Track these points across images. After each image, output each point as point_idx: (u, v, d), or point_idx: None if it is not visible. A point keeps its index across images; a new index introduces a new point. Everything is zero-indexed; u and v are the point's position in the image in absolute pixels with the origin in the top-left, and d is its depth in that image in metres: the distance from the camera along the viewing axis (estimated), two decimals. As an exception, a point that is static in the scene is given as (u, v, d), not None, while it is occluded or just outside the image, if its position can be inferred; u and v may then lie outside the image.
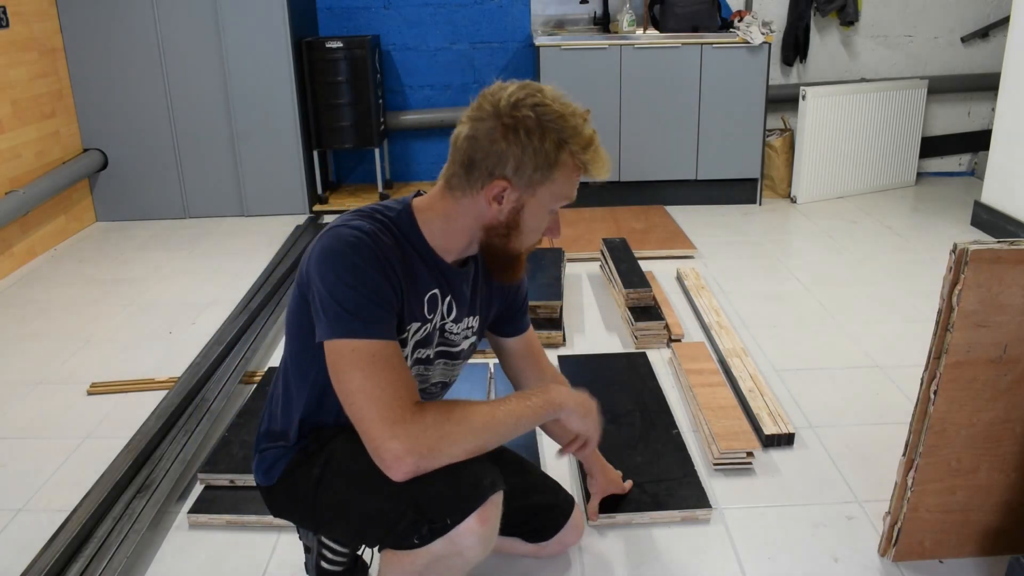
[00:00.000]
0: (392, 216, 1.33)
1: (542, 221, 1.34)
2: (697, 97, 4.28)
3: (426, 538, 1.23)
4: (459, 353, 1.49)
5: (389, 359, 1.23)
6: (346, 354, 1.21)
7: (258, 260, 3.72)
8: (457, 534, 1.22)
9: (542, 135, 1.25)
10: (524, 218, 1.31)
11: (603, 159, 1.30)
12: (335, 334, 1.22)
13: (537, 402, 1.33)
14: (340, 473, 1.32)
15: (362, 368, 1.21)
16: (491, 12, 4.68)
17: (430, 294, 1.36)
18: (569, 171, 1.29)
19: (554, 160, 1.26)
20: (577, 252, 3.66)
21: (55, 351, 2.85)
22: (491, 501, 1.25)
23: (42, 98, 3.98)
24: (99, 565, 1.69)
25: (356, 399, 1.21)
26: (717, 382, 2.41)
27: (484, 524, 1.23)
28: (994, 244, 1.43)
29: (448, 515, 1.22)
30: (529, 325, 1.65)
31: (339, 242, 1.24)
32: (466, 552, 1.24)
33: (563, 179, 1.29)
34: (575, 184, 1.32)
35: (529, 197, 1.29)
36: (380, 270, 1.24)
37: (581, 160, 1.28)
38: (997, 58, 4.31)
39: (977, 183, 4.34)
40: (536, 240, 1.38)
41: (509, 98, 1.26)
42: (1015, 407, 1.56)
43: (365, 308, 1.22)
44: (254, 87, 4.27)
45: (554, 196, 1.31)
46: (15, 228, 3.71)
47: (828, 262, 3.59)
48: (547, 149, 1.25)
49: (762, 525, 1.85)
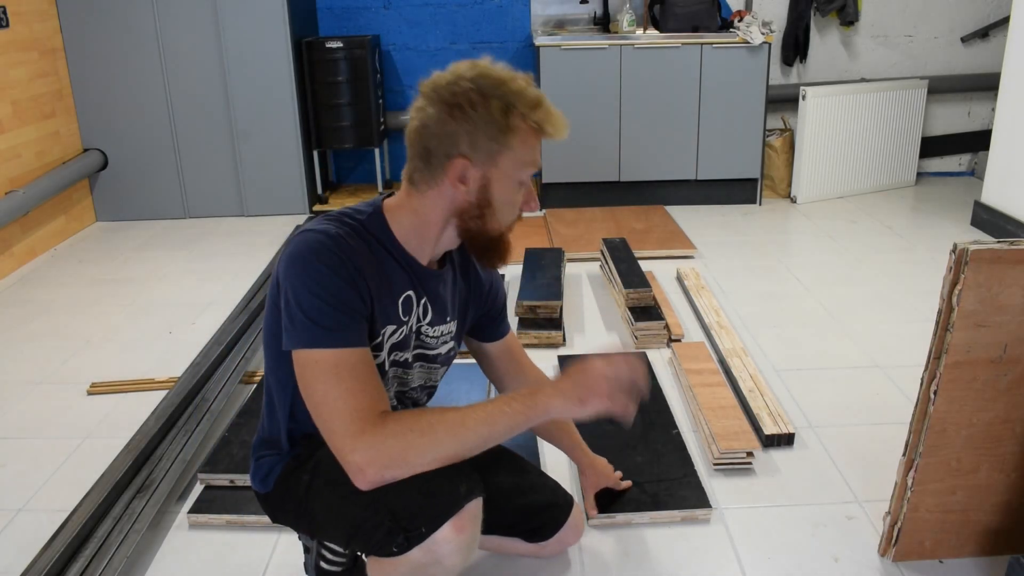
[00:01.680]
0: (362, 219, 1.31)
1: (513, 193, 1.31)
2: (697, 97, 4.28)
3: (403, 547, 1.22)
4: (436, 357, 1.46)
5: (353, 368, 1.20)
6: (310, 364, 1.20)
7: (258, 260, 3.72)
8: (433, 543, 1.21)
9: (486, 104, 1.23)
10: (494, 194, 1.29)
11: (556, 116, 1.27)
12: (300, 343, 1.21)
13: (518, 407, 1.24)
14: (326, 481, 1.31)
15: (324, 379, 1.19)
16: (491, 12, 4.68)
17: (404, 296, 1.34)
18: (525, 135, 1.26)
19: (505, 125, 1.24)
20: (577, 252, 3.66)
21: (55, 351, 2.85)
22: (467, 510, 1.23)
23: (42, 98, 3.98)
24: (99, 565, 1.69)
25: (320, 410, 1.20)
26: (717, 382, 2.41)
27: (460, 532, 1.22)
28: (994, 244, 1.43)
29: (423, 524, 1.21)
30: (509, 329, 1.63)
31: (304, 247, 1.23)
32: (444, 560, 1.22)
33: (521, 144, 1.26)
34: (536, 149, 1.29)
35: (492, 170, 1.27)
36: (345, 276, 1.22)
37: (534, 121, 1.25)
38: (997, 58, 4.30)
39: (977, 183, 4.34)
40: (514, 216, 1.34)
41: (446, 79, 1.26)
42: (1015, 407, 1.56)
43: (328, 316, 1.20)
44: (254, 87, 4.27)
45: (517, 163, 1.27)
46: (15, 228, 3.71)
47: (828, 262, 3.59)
48: (495, 116, 1.23)
49: (762, 525, 1.85)
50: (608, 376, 1.26)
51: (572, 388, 1.26)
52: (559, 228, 4.05)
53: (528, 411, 1.25)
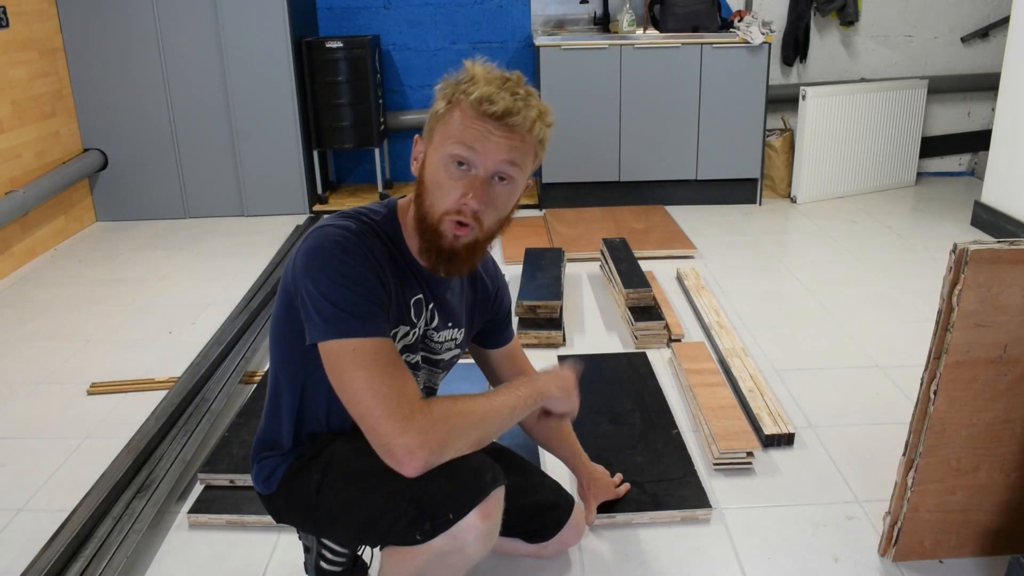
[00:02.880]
0: (377, 220, 1.32)
1: (441, 171, 1.25)
2: (697, 97, 4.28)
3: (428, 534, 1.23)
4: (439, 362, 1.47)
5: (390, 355, 1.22)
6: (346, 354, 1.20)
7: (258, 260, 3.72)
8: (460, 529, 1.22)
9: (444, 88, 1.28)
10: (426, 171, 1.28)
11: (484, 79, 1.24)
12: (331, 335, 1.20)
13: (526, 392, 1.35)
14: (341, 475, 1.32)
15: (365, 367, 1.19)
16: (491, 12, 4.68)
17: (416, 298, 1.35)
18: (463, 109, 1.24)
19: (445, 103, 1.27)
20: (577, 252, 3.65)
21: (55, 351, 2.85)
22: (493, 496, 1.25)
23: (42, 98, 3.98)
24: (99, 565, 1.69)
25: (363, 398, 1.19)
26: (717, 382, 2.41)
27: (486, 519, 1.23)
28: (994, 244, 1.43)
29: (451, 510, 1.22)
30: (514, 335, 1.64)
31: (326, 241, 1.23)
32: (467, 548, 1.24)
33: (452, 119, 1.25)
34: (469, 127, 1.23)
35: (429, 146, 1.29)
36: (371, 268, 1.23)
37: (465, 93, 1.24)
38: (997, 58, 4.31)
39: (977, 183, 4.34)
40: (447, 203, 1.25)
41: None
42: (1015, 407, 1.56)
43: (360, 306, 1.20)
44: (254, 87, 4.27)
45: (445, 136, 1.25)
46: (15, 228, 3.71)
47: (828, 262, 3.59)
48: (446, 95, 1.27)
49: (762, 525, 1.85)
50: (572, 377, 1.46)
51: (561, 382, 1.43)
52: (559, 228, 4.05)
53: (534, 395, 1.37)
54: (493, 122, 1.23)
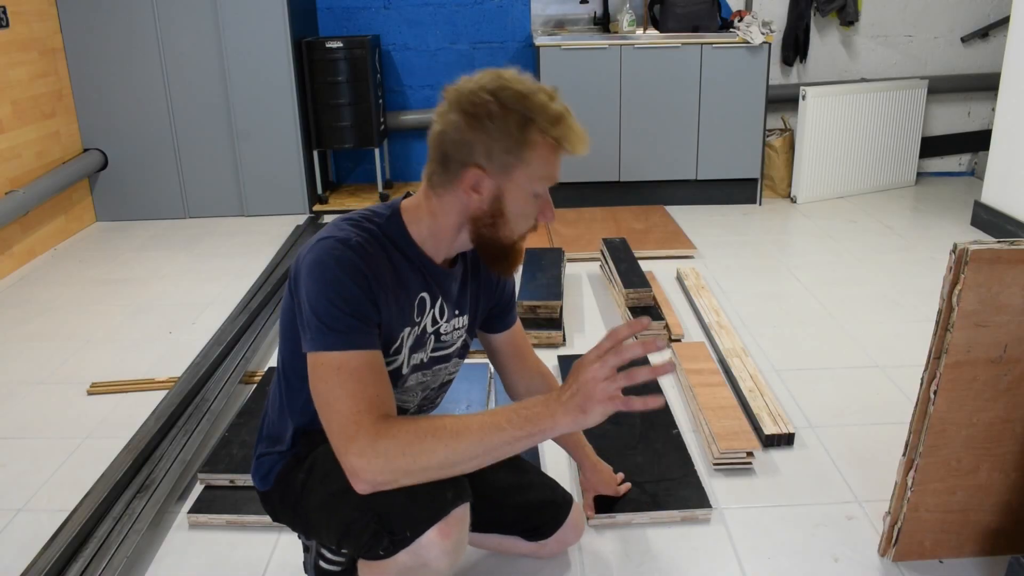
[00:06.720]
0: (380, 223, 1.33)
1: (527, 206, 1.30)
2: (697, 97, 4.28)
3: (389, 550, 1.23)
4: (450, 355, 1.48)
5: (357, 370, 1.20)
6: (318, 366, 1.21)
7: (258, 260, 3.72)
8: (420, 547, 1.22)
9: (504, 116, 1.22)
10: (507, 204, 1.28)
11: (577, 132, 1.26)
12: (312, 347, 1.22)
13: (517, 432, 1.17)
14: (321, 479, 1.33)
15: (328, 380, 1.20)
16: (491, 12, 4.68)
17: (419, 297, 1.36)
18: (543, 150, 1.25)
19: (522, 139, 1.23)
20: (577, 252, 3.66)
21: (55, 351, 2.85)
22: (453, 515, 1.23)
23: (42, 98, 3.98)
24: (99, 565, 1.69)
25: (323, 411, 1.20)
26: (717, 382, 2.41)
27: (446, 538, 1.22)
28: (994, 244, 1.43)
29: (408, 528, 1.22)
30: (516, 320, 1.65)
31: (324, 254, 1.24)
32: (432, 564, 1.23)
33: (538, 159, 1.25)
34: (555, 163, 1.28)
35: (506, 182, 1.26)
36: (361, 283, 1.23)
37: (553, 136, 1.24)
38: (997, 58, 4.31)
39: (977, 183, 4.34)
40: (527, 226, 1.34)
41: (469, 87, 1.26)
42: (1015, 407, 1.56)
43: (339, 320, 1.21)
44: (254, 87, 4.27)
45: (532, 178, 1.27)
46: (15, 228, 3.71)
47: (828, 262, 3.59)
48: (512, 130, 1.23)
49: (762, 525, 1.85)
50: (599, 377, 1.17)
51: (571, 398, 1.17)
52: (559, 228, 4.05)
53: (530, 435, 1.18)
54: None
